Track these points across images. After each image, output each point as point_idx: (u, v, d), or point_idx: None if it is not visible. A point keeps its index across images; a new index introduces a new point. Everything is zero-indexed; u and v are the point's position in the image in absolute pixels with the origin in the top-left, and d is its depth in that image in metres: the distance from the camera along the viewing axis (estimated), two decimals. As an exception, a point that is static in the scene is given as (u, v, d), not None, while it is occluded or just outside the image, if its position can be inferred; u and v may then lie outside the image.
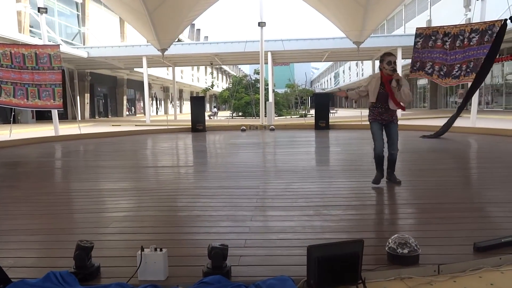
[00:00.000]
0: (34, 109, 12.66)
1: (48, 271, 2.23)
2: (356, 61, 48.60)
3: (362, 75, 49.41)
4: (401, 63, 23.40)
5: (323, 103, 15.05)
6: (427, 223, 3.31)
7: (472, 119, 12.34)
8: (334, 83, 78.14)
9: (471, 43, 9.85)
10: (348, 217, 3.55)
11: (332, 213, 3.60)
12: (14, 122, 16.06)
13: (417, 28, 11.09)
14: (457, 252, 2.60)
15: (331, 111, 20.94)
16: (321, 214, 3.57)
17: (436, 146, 8.80)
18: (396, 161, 4.69)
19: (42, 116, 24.37)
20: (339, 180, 5.32)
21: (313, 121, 15.19)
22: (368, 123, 4.85)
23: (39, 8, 13.68)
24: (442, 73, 10.37)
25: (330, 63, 74.22)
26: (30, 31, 22.99)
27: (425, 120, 18.57)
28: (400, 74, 4.41)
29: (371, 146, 4.81)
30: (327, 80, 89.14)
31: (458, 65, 10.07)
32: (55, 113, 13.50)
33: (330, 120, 15.11)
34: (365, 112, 5.62)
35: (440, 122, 11.77)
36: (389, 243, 2.47)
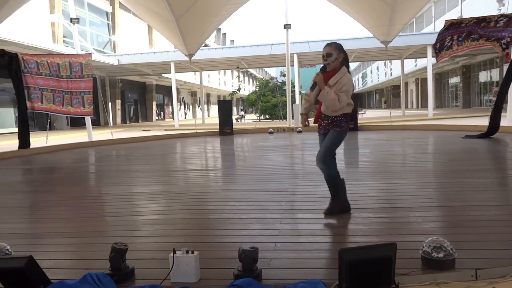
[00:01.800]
0: (68, 115, 13.13)
1: (85, 272, 2.30)
2: (384, 61, 47.73)
3: (391, 75, 48.48)
4: (432, 62, 22.79)
5: (351, 104, 14.83)
6: (462, 226, 3.21)
7: (509, 118, 11.86)
8: (362, 84, 77.02)
9: (498, 25, 9.54)
10: (379, 220, 3.49)
11: (363, 216, 3.54)
12: (50, 128, 16.70)
13: (446, 20, 10.79)
14: (495, 256, 2.51)
15: (359, 112, 20.66)
16: (351, 217, 3.52)
17: (471, 146, 8.52)
18: (331, 181, 3.55)
19: (77, 123, 25.23)
20: (369, 182, 5.22)
21: (341, 122, 14.97)
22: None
23: (71, 19, 14.22)
24: (460, 38, 10.07)
25: (357, 64, 73.15)
26: (64, 41, 23.90)
27: (458, 120, 18.01)
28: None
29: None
30: (355, 81, 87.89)
31: (478, 33, 9.79)
32: (88, 120, 13.96)
33: (358, 121, 14.89)
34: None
35: (475, 122, 11.38)
36: (423, 246, 2.41)
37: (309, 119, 3.65)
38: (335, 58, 3.38)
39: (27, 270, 2.16)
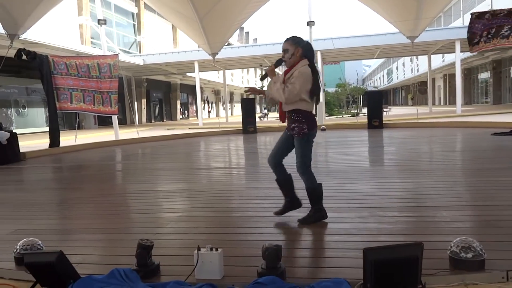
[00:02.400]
0: (99, 114, 13.48)
1: (112, 268, 2.36)
2: (410, 57, 46.69)
3: (417, 71, 47.40)
4: (460, 57, 22.14)
5: (376, 101, 14.61)
6: (492, 226, 3.11)
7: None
8: (388, 80, 75.63)
9: None
10: (405, 219, 3.42)
11: (388, 215, 3.48)
12: (79, 128, 17.19)
13: (472, 13, 10.49)
14: (527, 257, 2.42)
15: (384, 109, 20.30)
16: (376, 216, 3.47)
17: (500, 143, 8.23)
18: (312, 191, 3.36)
19: (104, 122, 25.86)
20: (394, 181, 5.13)
21: (366, 120, 14.80)
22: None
23: (98, 20, 14.57)
24: (489, 36, 9.77)
25: (382, 60, 71.91)
26: (91, 42, 24.51)
27: (488, 117, 17.44)
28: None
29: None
30: (380, 78, 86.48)
31: (509, 26, 9.45)
32: (115, 119, 14.28)
33: (383, 119, 14.63)
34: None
35: (505, 118, 11.00)
36: (451, 246, 2.35)
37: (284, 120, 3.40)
38: (292, 53, 3.19)
39: (57, 265, 2.24)
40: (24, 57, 10.52)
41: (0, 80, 17.91)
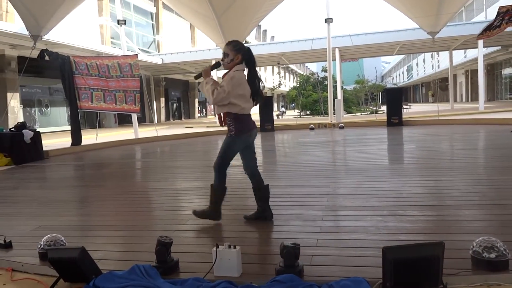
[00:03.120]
0: (121, 113, 13.71)
1: (133, 264, 2.40)
2: (431, 53, 45.80)
3: (438, 67, 46.45)
4: (483, 52, 21.58)
5: (396, 98, 14.40)
6: (517, 225, 3.03)
7: None
8: (407, 77, 74.41)
9: None
10: (425, 218, 3.37)
11: (408, 214, 3.43)
12: (100, 126, 17.50)
13: (500, 7, 10.14)
14: (554, 258, 2.34)
15: (404, 107, 19.97)
16: (396, 215, 3.42)
17: (526, 141, 8.00)
18: (213, 187, 3.55)
19: (124, 121, 26.26)
20: (415, 179, 5.05)
21: (385, 117, 14.61)
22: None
23: (118, 21, 14.80)
24: (502, 23, 9.44)
25: (402, 56, 70.72)
26: (111, 42, 24.90)
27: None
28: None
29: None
30: (400, 74, 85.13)
31: None
32: (135, 118, 14.49)
33: (403, 116, 14.41)
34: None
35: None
36: (473, 246, 2.30)
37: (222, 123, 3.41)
38: (231, 59, 3.21)
39: (80, 260, 2.29)
40: (46, 57, 10.77)
41: (24, 80, 18.40)
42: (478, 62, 21.81)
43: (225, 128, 3.40)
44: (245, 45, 3.31)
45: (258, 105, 3.22)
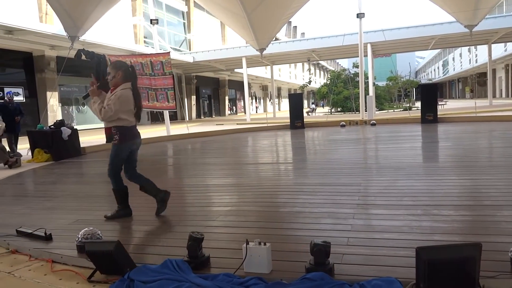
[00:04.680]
0: (153, 110, 14.06)
1: (165, 258, 2.46)
2: (468, 47, 44.08)
3: (476, 62, 44.66)
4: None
5: (431, 94, 13.97)
6: (562, 227, 2.88)
7: None
8: (443, 72, 72.00)
9: None
10: (461, 218, 3.26)
11: (443, 213, 3.33)
12: (133, 124, 17.94)
13: None
14: None
15: (439, 103, 19.37)
16: (430, 214, 3.33)
17: None
18: (115, 192, 3.81)
19: (156, 118, 26.82)
20: (450, 178, 4.89)
21: (419, 114, 14.21)
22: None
23: (151, 20, 15.10)
24: None
25: (437, 51, 68.43)
26: (144, 41, 25.46)
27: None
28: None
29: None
30: (435, 69, 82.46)
31: None
32: (167, 115, 14.78)
33: (438, 113, 13.96)
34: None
35: None
36: (513, 248, 2.21)
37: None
38: (113, 76, 3.57)
39: (115, 253, 2.37)
40: (83, 57, 11.14)
41: (62, 80, 19.11)
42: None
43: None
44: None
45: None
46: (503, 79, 43.52)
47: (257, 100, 48.40)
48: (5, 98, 9.66)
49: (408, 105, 28.54)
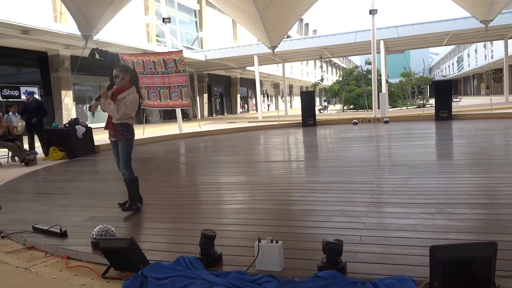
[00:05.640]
0: (166, 109, 14.13)
1: (178, 255, 2.48)
2: (483, 42, 43.29)
3: (492, 58, 43.85)
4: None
5: (445, 91, 13.77)
6: None
7: None
8: (458, 69, 70.88)
9: None
10: (476, 217, 3.22)
11: (458, 212, 3.29)
12: (146, 122, 18.11)
13: None
14: None
15: (454, 100, 19.08)
16: (445, 213, 3.29)
17: None
18: (130, 184, 4.06)
19: (169, 116, 27.00)
20: (465, 176, 4.82)
21: (433, 111, 14.03)
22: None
23: (163, 19, 15.18)
24: None
25: (452, 47, 67.41)
26: (157, 40, 25.63)
27: None
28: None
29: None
30: (449, 66, 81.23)
31: None
32: (179, 113, 14.86)
33: (453, 110, 13.76)
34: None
35: None
36: (529, 247, 2.17)
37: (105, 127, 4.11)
38: (121, 78, 3.93)
39: (129, 250, 2.40)
40: (97, 56, 11.26)
41: (76, 79, 19.36)
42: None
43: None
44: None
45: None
46: (520, 75, 42.65)
47: (269, 98, 48.34)
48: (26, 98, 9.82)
49: (422, 102, 28.17)
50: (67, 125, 9.58)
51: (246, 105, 43.50)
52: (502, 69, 30.22)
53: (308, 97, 15.56)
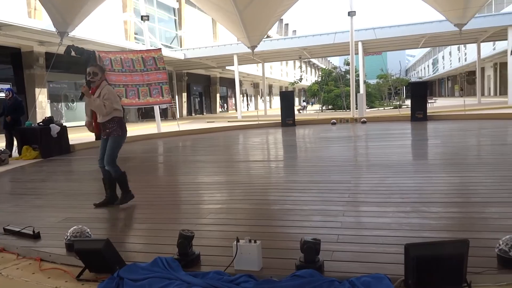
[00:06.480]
0: (146, 106, 13.93)
1: (155, 256, 2.45)
2: (457, 45, 44.46)
3: (465, 60, 45.11)
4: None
5: (420, 92, 14.10)
6: (547, 224, 2.93)
7: None
8: (433, 71, 72.62)
9: None
10: (449, 215, 3.30)
11: (432, 210, 3.37)
12: (123, 121, 17.82)
13: None
14: None
15: (429, 101, 19.52)
16: (419, 211, 3.37)
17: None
18: (119, 179, 4.12)
19: (147, 115, 26.65)
20: (439, 175, 4.94)
21: (409, 112, 14.33)
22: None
23: (142, 16, 14.98)
24: None
25: (427, 49, 69.02)
26: (135, 38, 25.25)
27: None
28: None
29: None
30: (425, 68, 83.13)
31: None
32: (157, 112, 14.68)
33: (428, 111, 14.09)
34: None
35: None
36: (499, 245, 2.24)
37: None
38: (100, 77, 3.99)
39: (104, 251, 2.35)
40: (72, 53, 11.01)
41: (51, 76, 18.87)
42: (507, 55, 21.04)
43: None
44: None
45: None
46: (492, 77, 44.05)
47: (249, 98, 48.35)
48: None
49: (398, 103, 28.74)
50: (41, 123, 9.32)
51: (225, 104, 43.38)
52: (475, 71, 31.14)
53: (287, 97, 15.64)
